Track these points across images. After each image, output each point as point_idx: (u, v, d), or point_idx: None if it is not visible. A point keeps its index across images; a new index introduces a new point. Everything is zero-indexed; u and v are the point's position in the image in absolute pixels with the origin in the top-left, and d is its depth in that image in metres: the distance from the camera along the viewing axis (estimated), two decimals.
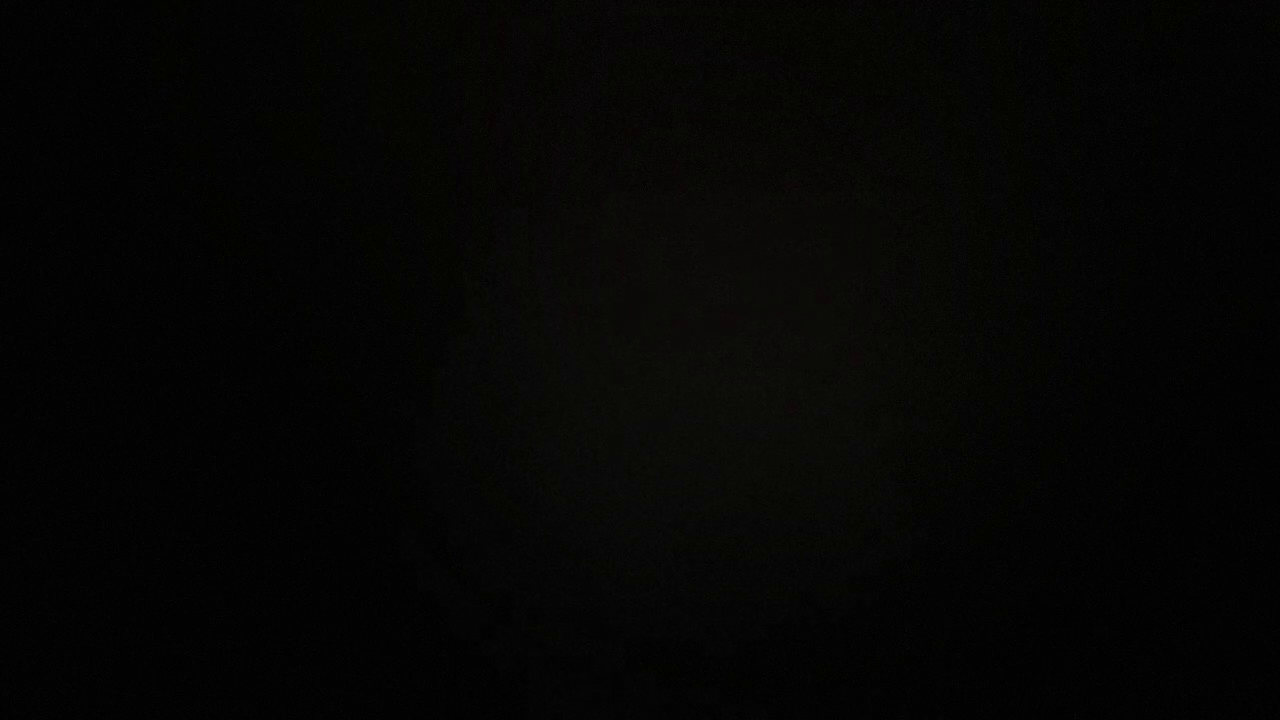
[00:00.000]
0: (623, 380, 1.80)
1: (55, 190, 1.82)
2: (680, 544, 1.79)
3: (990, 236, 1.81)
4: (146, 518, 1.79)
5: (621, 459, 1.79)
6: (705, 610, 1.78)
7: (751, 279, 1.81)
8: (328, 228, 1.81)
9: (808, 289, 1.81)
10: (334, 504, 1.79)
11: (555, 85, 1.83)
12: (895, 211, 1.81)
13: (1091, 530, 1.78)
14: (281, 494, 1.79)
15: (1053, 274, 1.80)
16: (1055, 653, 1.77)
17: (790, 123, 1.82)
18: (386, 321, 1.81)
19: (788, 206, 1.81)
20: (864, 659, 1.77)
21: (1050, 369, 1.79)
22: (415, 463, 1.79)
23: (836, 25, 1.82)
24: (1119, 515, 1.78)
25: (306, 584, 1.78)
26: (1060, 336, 1.80)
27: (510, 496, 1.79)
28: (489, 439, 1.79)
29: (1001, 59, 1.82)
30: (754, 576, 1.78)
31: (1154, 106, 1.81)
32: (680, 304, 1.81)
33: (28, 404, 1.80)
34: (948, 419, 1.79)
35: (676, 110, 1.82)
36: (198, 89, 1.83)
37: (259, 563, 1.79)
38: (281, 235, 1.81)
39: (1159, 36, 1.82)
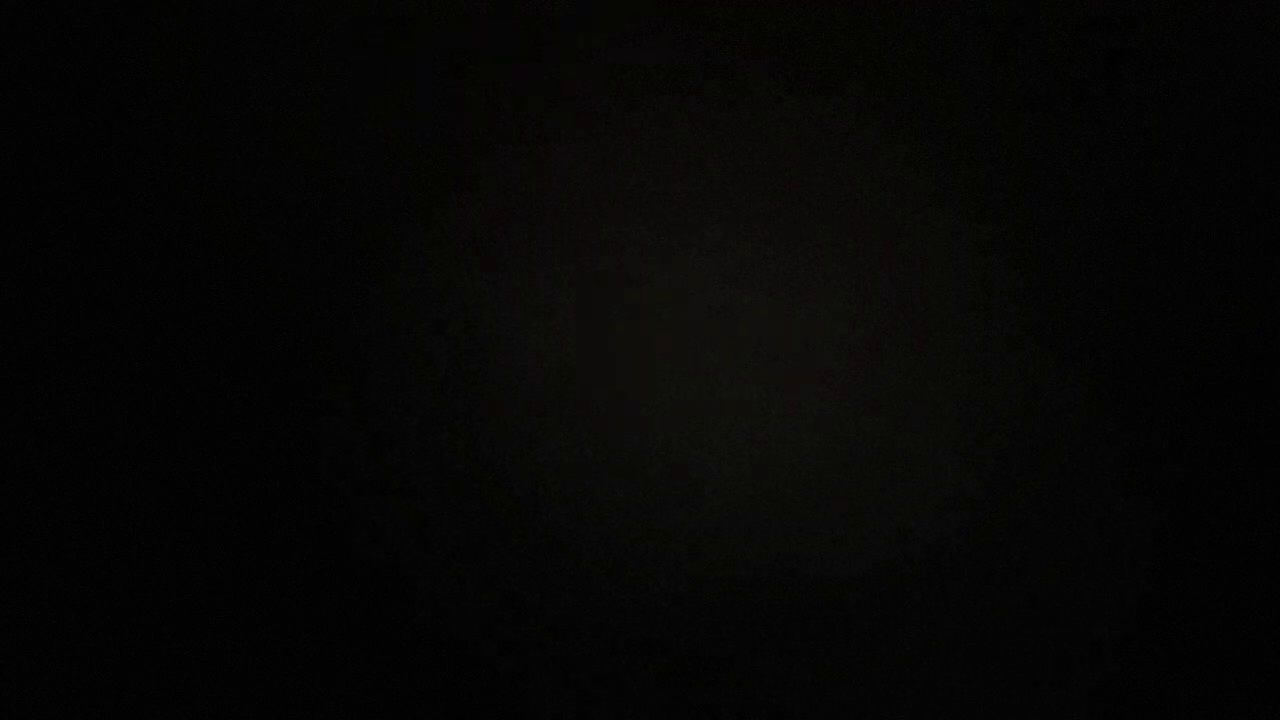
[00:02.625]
0: (623, 380, 1.80)
1: (55, 190, 1.82)
2: (680, 544, 1.79)
3: (990, 236, 1.81)
4: (145, 517, 1.79)
5: (621, 459, 1.79)
6: (705, 610, 1.78)
7: (751, 279, 1.81)
8: (328, 227, 1.81)
9: (808, 289, 1.81)
10: (333, 503, 1.79)
11: (555, 85, 1.83)
12: (895, 211, 1.81)
13: (1091, 530, 1.78)
14: (281, 494, 1.79)
15: (1053, 274, 1.80)
16: (1056, 653, 1.77)
17: (790, 123, 1.82)
18: (386, 321, 1.81)
19: (787, 206, 1.81)
20: (864, 659, 1.77)
21: (1050, 369, 1.80)
22: (415, 462, 1.79)
23: (836, 25, 1.82)
24: (1119, 515, 1.78)
25: (306, 584, 1.78)
26: (1060, 336, 1.80)
27: (510, 496, 1.79)
28: (489, 439, 1.79)
29: (1001, 59, 1.82)
30: (754, 576, 1.78)
31: (1154, 106, 1.81)
32: (680, 303, 1.81)
33: (28, 404, 1.80)
34: (948, 419, 1.79)
35: (676, 111, 1.82)
36: (198, 89, 1.83)
37: (259, 563, 1.79)
38: (282, 235, 1.81)
39: (1159, 36, 1.82)
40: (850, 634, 1.77)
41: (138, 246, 1.81)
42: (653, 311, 1.81)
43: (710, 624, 1.78)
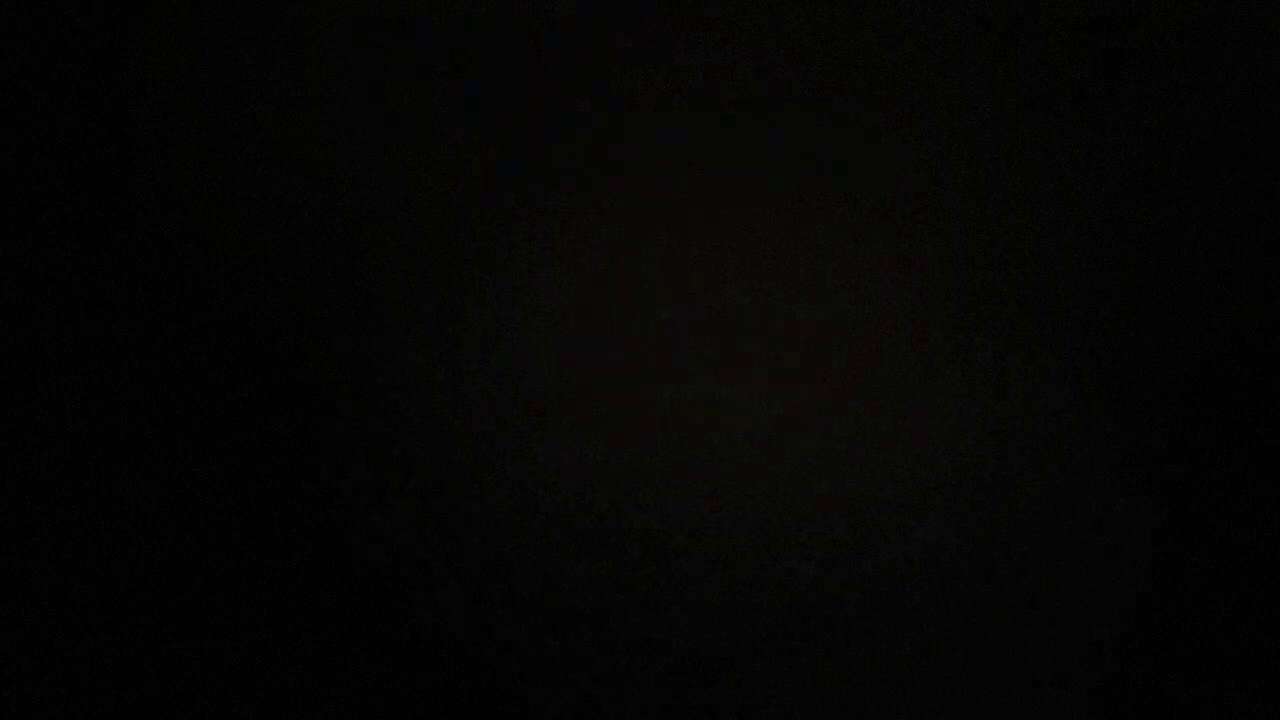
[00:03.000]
0: (623, 380, 1.80)
1: (55, 190, 1.82)
2: (681, 544, 1.79)
3: (990, 236, 1.81)
4: (145, 517, 1.79)
5: (622, 459, 1.79)
6: (705, 610, 1.78)
7: (751, 279, 1.81)
8: (328, 228, 1.81)
9: (808, 289, 1.81)
10: (334, 504, 1.79)
11: (554, 85, 1.83)
12: (895, 211, 1.81)
13: (1091, 530, 1.78)
14: (281, 494, 1.79)
15: (1053, 274, 1.80)
16: (1056, 653, 1.77)
17: (790, 123, 1.82)
18: (386, 322, 1.81)
19: (787, 206, 1.82)
20: (864, 659, 1.77)
21: (1050, 369, 1.80)
22: (416, 463, 1.79)
23: (836, 25, 1.82)
24: (1119, 515, 1.78)
25: (306, 584, 1.78)
26: (1060, 336, 1.80)
27: (510, 496, 1.79)
28: (489, 439, 1.79)
29: (1001, 59, 1.82)
30: (754, 576, 1.78)
31: (1154, 106, 1.81)
32: (679, 303, 1.81)
33: (28, 404, 1.80)
34: (948, 419, 1.79)
35: (676, 110, 1.82)
36: (198, 89, 1.83)
37: (259, 563, 1.79)
38: (281, 235, 1.81)
39: (1159, 36, 1.82)
40: (850, 634, 1.77)
41: (137, 247, 1.81)
42: (653, 311, 1.81)
43: (710, 624, 1.78)
